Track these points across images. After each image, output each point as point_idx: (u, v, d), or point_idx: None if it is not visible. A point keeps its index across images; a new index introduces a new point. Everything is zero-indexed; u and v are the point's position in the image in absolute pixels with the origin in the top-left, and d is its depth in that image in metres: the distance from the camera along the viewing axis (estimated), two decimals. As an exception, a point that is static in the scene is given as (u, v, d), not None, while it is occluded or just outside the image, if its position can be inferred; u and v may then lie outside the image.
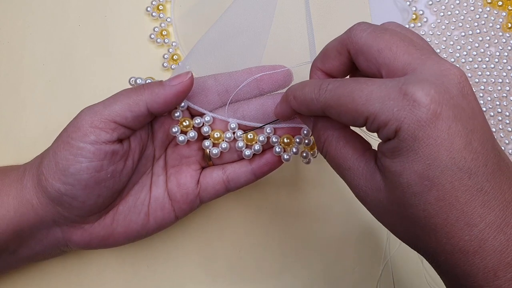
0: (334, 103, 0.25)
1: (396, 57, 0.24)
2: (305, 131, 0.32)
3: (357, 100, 0.23)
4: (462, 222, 0.22)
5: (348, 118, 0.24)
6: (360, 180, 0.25)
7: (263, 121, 0.33)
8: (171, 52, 0.43)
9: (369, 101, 0.23)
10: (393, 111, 0.22)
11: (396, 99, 0.22)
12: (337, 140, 0.27)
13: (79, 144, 0.28)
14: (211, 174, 0.33)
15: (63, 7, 0.44)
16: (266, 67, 0.33)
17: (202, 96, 0.33)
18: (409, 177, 0.22)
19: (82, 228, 0.31)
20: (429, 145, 0.22)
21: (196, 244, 0.38)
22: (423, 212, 0.22)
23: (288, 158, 0.32)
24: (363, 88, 0.23)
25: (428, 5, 0.44)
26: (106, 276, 0.37)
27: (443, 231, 0.22)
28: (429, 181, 0.22)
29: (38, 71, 0.42)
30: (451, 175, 0.22)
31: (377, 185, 0.24)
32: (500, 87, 0.41)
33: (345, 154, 0.26)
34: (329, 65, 0.28)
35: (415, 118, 0.22)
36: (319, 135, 0.28)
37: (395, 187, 0.23)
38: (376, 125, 0.23)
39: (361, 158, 0.26)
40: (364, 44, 0.25)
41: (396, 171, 0.23)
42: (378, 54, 0.25)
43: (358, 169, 0.25)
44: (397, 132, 0.22)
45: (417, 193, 0.22)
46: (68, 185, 0.29)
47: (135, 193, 0.32)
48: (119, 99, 0.30)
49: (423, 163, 0.22)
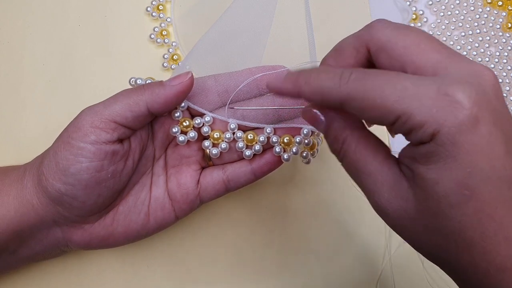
0: (359, 96, 0.22)
1: (425, 55, 0.22)
2: (305, 131, 0.32)
3: (389, 96, 0.21)
4: (500, 236, 0.20)
5: (374, 114, 0.22)
6: (383, 187, 0.23)
7: (263, 121, 0.33)
8: (171, 52, 0.43)
9: (404, 99, 0.21)
10: (431, 112, 0.21)
11: (435, 99, 0.21)
12: (357, 141, 0.24)
13: (80, 144, 0.28)
14: (211, 174, 0.33)
15: (63, 7, 0.44)
16: (266, 67, 0.33)
17: (202, 96, 0.33)
18: (446, 186, 0.21)
19: (82, 228, 0.31)
20: (470, 151, 0.20)
21: (196, 244, 0.38)
22: (458, 224, 0.21)
23: (288, 158, 0.32)
24: (396, 83, 0.21)
25: (428, 5, 0.44)
26: (106, 276, 0.37)
27: (479, 246, 0.21)
28: (470, 190, 0.20)
29: (38, 71, 0.42)
30: (492, 184, 0.20)
31: (403, 193, 0.22)
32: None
33: (366, 158, 0.24)
34: (343, 63, 0.25)
35: (456, 121, 0.20)
36: (336, 135, 0.25)
37: (429, 197, 0.21)
38: (409, 125, 0.21)
39: (384, 163, 0.24)
40: (388, 40, 0.23)
41: (431, 179, 0.21)
42: (404, 51, 0.23)
43: (382, 175, 0.23)
44: (434, 135, 0.21)
45: (455, 203, 0.21)
46: (69, 185, 0.29)
47: (135, 193, 0.32)
48: (119, 99, 0.30)
49: (463, 171, 0.20)
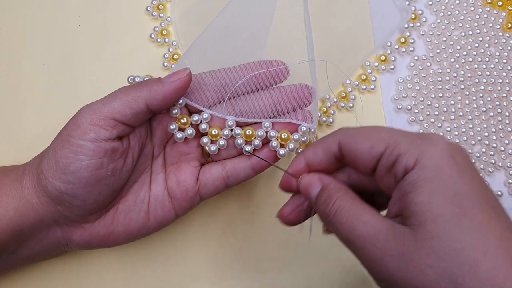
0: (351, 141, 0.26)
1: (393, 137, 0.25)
2: (303, 128, 0.32)
3: (377, 132, 0.25)
4: (501, 258, 0.21)
5: (365, 146, 0.25)
6: (380, 234, 0.23)
7: (260, 116, 0.33)
8: (172, 51, 0.43)
9: (390, 133, 0.25)
10: (415, 142, 0.24)
11: (417, 136, 0.24)
12: (352, 198, 0.25)
13: (79, 142, 0.28)
14: (210, 170, 0.33)
15: (63, 7, 0.44)
16: (263, 62, 0.33)
17: (199, 93, 0.33)
18: (440, 204, 0.22)
19: (82, 227, 0.31)
20: (452, 175, 0.23)
21: (195, 243, 0.38)
22: (459, 245, 0.21)
23: (283, 153, 0.32)
24: (381, 130, 0.26)
25: (428, 5, 0.44)
26: (106, 276, 0.37)
27: (483, 265, 0.21)
28: (460, 208, 0.22)
29: (38, 71, 0.42)
30: (480, 206, 0.22)
31: (399, 233, 0.23)
32: (500, 87, 0.41)
33: (363, 209, 0.25)
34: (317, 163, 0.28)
35: (437, 149, 0.23)
36: (331, 194, 0.26)
37: (425, 220, 0.22)
38: (395, 153, 0.24)
39: (377, 214, 0.24)
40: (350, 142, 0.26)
41: (424, 201, 0.22)
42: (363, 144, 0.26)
43: (377, 222, 0.24)
44: (418, 161, 0.23)
45: (450, 220, 0.22)
46: (69, 184, 0.29)
47: (135, 191, 0.32)
48: (118, 96, 0.30)
49: (450, 191, 0.22)
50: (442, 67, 0.42)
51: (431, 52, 0.43)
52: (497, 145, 0.40)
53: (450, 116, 0.41)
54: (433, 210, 0.22)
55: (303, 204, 0.29)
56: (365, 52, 0.43)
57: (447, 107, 0.41)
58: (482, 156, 0.40)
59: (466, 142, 0.40)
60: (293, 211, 0.29)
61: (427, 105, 0.41)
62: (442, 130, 0.40)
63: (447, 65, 0.42)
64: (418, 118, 0.41)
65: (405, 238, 0.22)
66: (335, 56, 0.42)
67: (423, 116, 0.41)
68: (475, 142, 0.40)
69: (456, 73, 0.42)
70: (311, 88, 0.33)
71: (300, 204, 0.29)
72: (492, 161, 0.39)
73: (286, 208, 0.29)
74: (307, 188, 0.28)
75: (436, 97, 0.41)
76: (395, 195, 0.24)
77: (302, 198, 0.29)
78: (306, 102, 0.33)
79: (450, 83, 0.41)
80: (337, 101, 0.41)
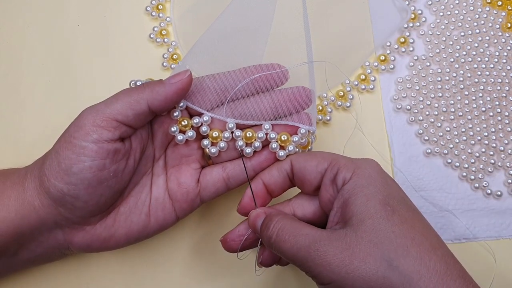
0: (300, 166, 0.31)
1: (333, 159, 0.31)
2: (302, 130, 0.32)
3: (321, 154, 0.31)
4: (424, 244, 0.26)
5: (313, 163, 0.30)
6: (322, 239, 0.27)
7: (260, 118, 0.33)
8: (171, 51, 0.43)
9: (332, 155, 0.31)
10: (352, 160, 0.30)
11: (352, 158, 0.30)
12: (291, 218, 0.29)
13: (82, 143, 0.28)
14: (211, 172, 0.33)
15: (63, 7, 0.44)
16: (263, 65, 0.33)
17: (200, 96, 0.33)
18: (376, 203, 0.27)
19: (83, 229, 0.31)
20: (383, 182, 0.28)
21: (195, 244, 0.38)
22: (393, 234, 0.26)
23: (283, 155, 0.32)
24: (324, 153, 0.32)
25: (427, 5, 0.44)
26: (105, 277, 0.37)
27: (414, 251, 0.25)
28: (390, 206, 0.27)
29: (37, 71, 0.42)
30: (405, 206, 0.28)
31: (339, 234, 0.27)
32: (500, 87, 0.41)
33: (302, 225, 0.28)
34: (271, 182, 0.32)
35: (369, 164, 0.30)
36: (271, 217, 0.29)
37: (363, 218, 0.27)
38: (337, 166, 0.30)
39: (315, 227, 0.28)
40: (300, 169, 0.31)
41: (362, 203, 0.27)
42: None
43: (317, 231, 0.27)
44: (354, 172, 0.29)
45: (385, 216, 0.27)
46: (71, 185, 0.29)
47: (136, 194, 0.32)
48: (120, 97, 0.30)
49: (382, 194, 0.28)
50: (442, 67, 0.42)
51: (430, 52, 0.43)
52: (497, 145, 0.40)
53: (450, 116, 0.41)
54: (370, 209, 0.27)
55: (247, 234, 0.32)
56: (364, 52, 0.43)
57: (446, 107, 0.41)
58: (482, 156, 0.40)
59: (466, 142, 0.40)
60: (237, 238, 0.32)
61: (426, 105, 0.41)
62: (441, 130, 0.40)
63: (447, 65, 0.42)
64: (417, 118, 0.41)
65: (347, 236, 0.26)
66: (334, 56, 0.42)
67: (423, 116, 0.41)
68: (474, 142, 0.40)
69: (455, 73, 0.42)
70: (310, 90, 0.33)
71: (244, 233, 0.32)
72: (491, 161, 0.39)
73: (230, 235, 0.32)
74: (254, 220, 0.31)
75: (435, 97, 0.41)
76: (336, 205, 0.29)
77: (248, 228, 0.32)
78: (305, 105, 0.33)
79: (449, 83, 0.41)
80: (335, 99, 0.41)
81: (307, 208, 0.32)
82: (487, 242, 0.37)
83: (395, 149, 0.40)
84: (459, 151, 0.40)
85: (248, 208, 0.32)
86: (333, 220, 0.29)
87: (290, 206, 0.32)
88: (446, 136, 0.40)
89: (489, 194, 0.39)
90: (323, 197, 0.30)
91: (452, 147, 0.40)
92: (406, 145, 0.40)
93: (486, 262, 0.37)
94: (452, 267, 0.26)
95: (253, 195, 0.32)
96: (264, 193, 0.32)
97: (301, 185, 0.32)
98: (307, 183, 0.31)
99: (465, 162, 0.39)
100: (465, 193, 0.39)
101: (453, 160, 0.40)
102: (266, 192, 0.32)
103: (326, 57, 0.37)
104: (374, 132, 0.41)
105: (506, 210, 0.38)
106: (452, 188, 0.39)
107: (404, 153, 0.40)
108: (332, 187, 0.30)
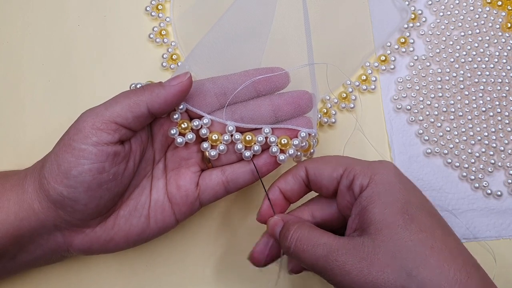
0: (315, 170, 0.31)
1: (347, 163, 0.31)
2: (302, 134, 0.32)
3: (336, 159, 0.31)
4: (444, 252, 0.25)
5: (328, 169, 0.30)
6: (339, 249, 0.26)
7: (260, 121, 0.33)
8: (170, 51, 0.43)
9: (347, 159, 0.31)
10: (369, 165, 0.29)
11: (368, 162, 0.30)
12: (310, 225, 0.29)
13: (81, 146, 0.28)
14: (210, 176, 0.33)
15: (63, 7, 0.44)
16: (264, 69, 0.33)
17: (200, 99, 0.33)
18: (393, 212, 0.27)
19: (83, 232, 0.31)
20: (401, 189, 0.28)
21: (195, 245, 0.38)
22: (411, 242, 0.26)
23: (283, 159, 0.32)
24: (339, 157, 0.32)
25: (427, 5, 0.44)
26: (105, 277, 0.37)
27: (433, 259, 0.25)
28: (408, 215, 0.27)
29: (37, 71, 0.42)
30: (424, 213, 0.27)
31: (357, 243, 0.26)
32: (500, 87, 0.41)
33: (321, 232, 0.28)
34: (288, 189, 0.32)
35: (385, 170, 0.29)
36: (289, 226, 0.29)
37: (381, 228, 0.26)
38: (352, 174, 0.29)
39: (333, 235, 0.28)
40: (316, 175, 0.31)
41: (379, 212, 0.27)
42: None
43: (335, 240, 0.27)
44: (371, 179, 0.28)
45: (402, 224, 0.26)
46: (71, 188, 0.28)
47: (136, 196, 0.32)
48: (120, 100, 0.30)
49: (400, 201, 0.27)
50: (442, 67, 0.42)
51: (430, 52, 0.43)
52: (497, 145, 0.40)
53: (450, 116, 0.41)
54: (387, 218, 0.26)
55: (269, 245, 0.31)
56: (365, 52, 0.43)
57: (446, 107, 0.41)
58: (482, 156, 0.40)
59: (466, 142, 0.40)
60: (263, 251, 0.31)
61: (426, 105, 0.41)
62: (441, 130, 0.40)
63: (447, 65, 0.42)
64: (417, 118, 0.41)
65: (365, 246, 0.26)
66: (335, 57, 0.42)
67: (423, 116, 0.41)
68: (474, 142, 0.40)
69: (455, 73, 0.42)
70: (311, 94, 0.33)
71: (269, 243, 0.31)
72: (491, 161, 0.39)
73: (257, 248, 0.32)
74: (273, 228, 0.31)
75: (435, 97, 0.41)
76: (354, 212, 0.29)
77: (270, 239, 0.31)
78: (306, 108, 0.33)
79: (449, 83, 0.41)
80: (338, 102, 0.41)
81: (326, 211, 0.32)
82: (487, 242, 0.37)
83: (395, 149, 0.40)
84: (459, 151, 0.40)
85: (267, 216, 0.32)
86: (351, 226, 0.29)
87: (308, 210, 0.32)
88: (446, 136, 0.40)
89: (489, 194, 0.39)
90: (340, 203, 0.30)
91: (452, 147, 0.40)
92: (406, 145, 0.40)
93: (486, 262, 0.36)
94: (473, 276, 0.25)
95: (270, 201, 0.31)
96: (281, 200, 0.32)
97: (319, 190, 0.32)
98: (324, 189, 0.31)
99: (465, 162, 0.40)
100: (465, 193, 0.39)
101: (453, 160, 0.40)
102: (283, 199, 0.32)
103: (327, 58, 0.37)
104: (374, 132, 0.41)
105: (506, 210, 0.38)
106: (452, 188, 0.39)
107: (404, 153, 0.40)
108: (349, 193, 0.29)
